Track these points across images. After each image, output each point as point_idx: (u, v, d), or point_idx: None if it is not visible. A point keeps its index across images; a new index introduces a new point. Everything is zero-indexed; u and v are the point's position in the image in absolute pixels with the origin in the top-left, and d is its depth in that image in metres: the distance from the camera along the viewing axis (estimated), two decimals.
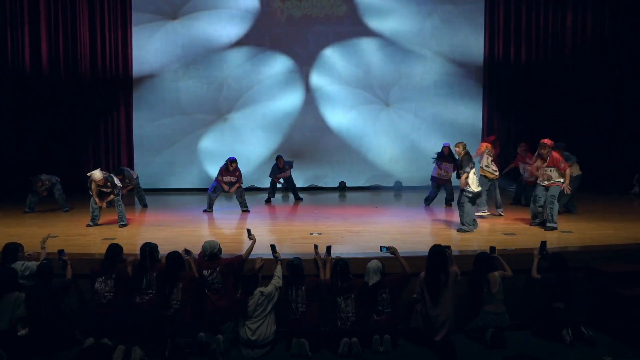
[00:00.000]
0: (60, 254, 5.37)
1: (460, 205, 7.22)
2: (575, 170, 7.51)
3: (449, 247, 5.34)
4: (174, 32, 12.17)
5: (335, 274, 5.12)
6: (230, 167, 9.12)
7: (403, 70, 12.40)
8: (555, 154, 7.33)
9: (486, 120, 12.53)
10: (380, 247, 5.48)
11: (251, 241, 5.65)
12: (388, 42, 12.35)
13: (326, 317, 5.17)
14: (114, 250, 5.24)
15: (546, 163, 7.32)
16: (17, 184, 10.99)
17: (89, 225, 7.84)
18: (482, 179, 8.26)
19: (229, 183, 9.08)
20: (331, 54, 12.36)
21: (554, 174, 7.28)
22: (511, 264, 5.46)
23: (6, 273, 4.89)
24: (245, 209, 9.18)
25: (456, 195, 8.36)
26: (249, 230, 5.79)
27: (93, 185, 7.81)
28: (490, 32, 12.36)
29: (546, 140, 7.31)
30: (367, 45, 12.36)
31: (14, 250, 5.34)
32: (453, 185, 9.25)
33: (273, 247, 5.48)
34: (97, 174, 7.79)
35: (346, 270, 5.14)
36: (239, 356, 4.94)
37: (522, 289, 5.52)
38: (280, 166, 10.58)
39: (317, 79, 12.37)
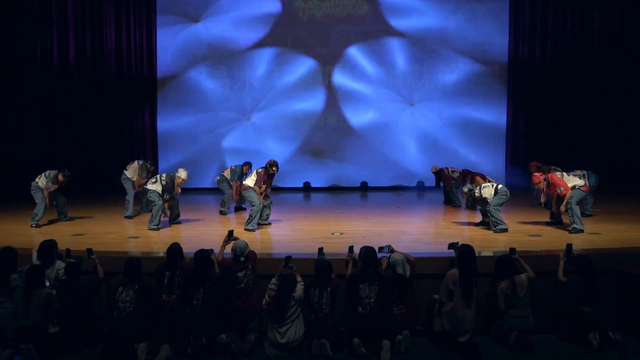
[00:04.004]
0: (89, 253, 5.42)
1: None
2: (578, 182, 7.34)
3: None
4: (197, 33, 12.31)
5: (367, 261, 5.11)
6: (271, 170, 7.78)
7: (426, 70, 12.33)
8: (552, 179, 7.23)
9: (511, 119, 12.38)
10: (379, 247, 5.38)
11: (227, 242, 5.53)
12: (411, 41, 12.29)
13: (347, 311, 5.15)
14: (132, 263, 5.11)
15: (547, 190, 7.33)
16: None
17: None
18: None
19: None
20: (353, 54, 12.35)
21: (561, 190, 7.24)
22: (537, 266, 5.37)
23: (33, 271, 4.98)
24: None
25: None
26: (231, 232, 5.59)
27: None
28: (515, 30, 12.21)
29: (535, 178, 7.38)
30: (390, 45, 12.31)
31: (50, 247, 5.34)
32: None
33: (288, 258, 5.25)
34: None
35: (375, 257, 5.14)
36: (263, 356, 4.96)
37: (548, 292, 5.43)
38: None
39: (339, 78, 12.37)
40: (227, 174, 9.11)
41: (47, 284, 5.07)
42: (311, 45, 12.30)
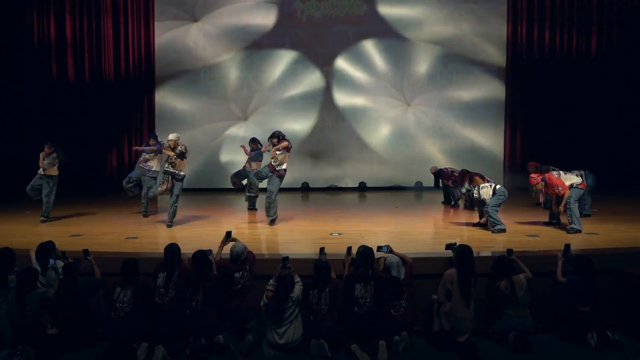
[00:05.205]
0: (85, 254, 5.40)
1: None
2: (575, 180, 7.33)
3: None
4: (195, 33, 12.31)
5: (362, 261, 5.10)
6: (273, 141, 8.61)
7: (424, 70, 12.32)
8: (549, 179, 7.20)
9: (510, 119, 12.37)
10: (378, 247, 5.39)
11: (225, 243, 5.55)
12: (409, 42, 12.29)
13: (343, 311, 5.13)
14: (129, 264, 5.10)
15: (546, 190, 7.30)
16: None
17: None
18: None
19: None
20: (351, 54, 12.34)
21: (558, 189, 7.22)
22: (535, 266, 5.37)
23: (27, 273, 4.97)
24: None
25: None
26: (229, 233, 5.62)
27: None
28: (514, 29, 12.20)
29: (532, 180, 7.35)
30: (388, 45, 12.31)
31: (47, 249, 5.34)
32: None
33: (286, 258, 5.25)
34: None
35: (371, 257, 5.14)
36: (261, 356, 4.95)
37: (547, 292, 5.43)
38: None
39: (337, 79, 12.37)
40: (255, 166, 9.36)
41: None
42: (310, 45, 12.29)
